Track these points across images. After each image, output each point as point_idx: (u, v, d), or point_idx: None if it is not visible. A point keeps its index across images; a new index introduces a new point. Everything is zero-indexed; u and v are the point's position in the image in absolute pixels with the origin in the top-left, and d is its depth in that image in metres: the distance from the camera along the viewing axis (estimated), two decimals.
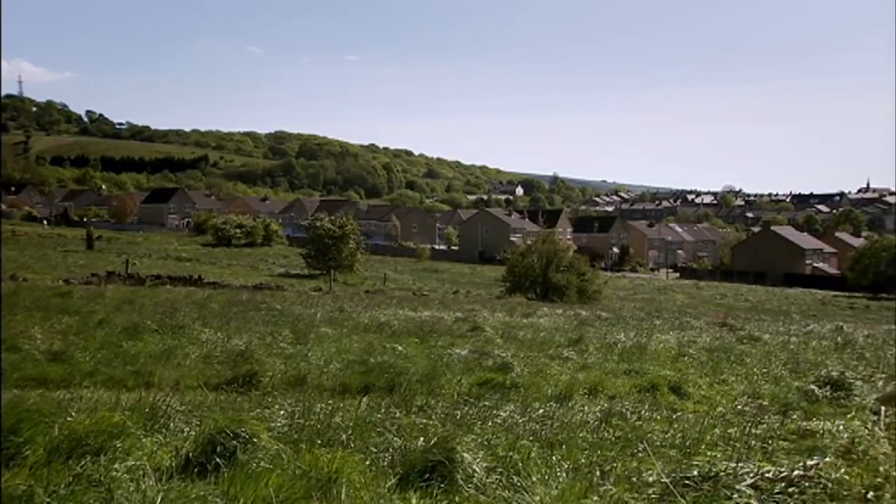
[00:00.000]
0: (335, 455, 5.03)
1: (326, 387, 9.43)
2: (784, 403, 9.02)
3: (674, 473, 4.87)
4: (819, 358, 14.22)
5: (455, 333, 15.85)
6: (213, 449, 4.95)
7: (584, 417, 7.43)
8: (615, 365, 12.18)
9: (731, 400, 9.47)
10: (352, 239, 56.13)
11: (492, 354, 12.29)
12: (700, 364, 12.74)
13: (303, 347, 12.30)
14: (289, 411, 6.77)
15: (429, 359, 11.85)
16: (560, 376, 10.75)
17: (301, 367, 10.44)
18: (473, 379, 10.21)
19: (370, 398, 8.24)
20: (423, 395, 8.55)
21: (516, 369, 10.89)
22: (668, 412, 8.19)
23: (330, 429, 6.09)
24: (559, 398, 9.00)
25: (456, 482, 4.92)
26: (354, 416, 6.69)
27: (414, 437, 5.71)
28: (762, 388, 10.47)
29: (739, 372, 11.96)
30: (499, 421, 7.04)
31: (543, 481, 4.92)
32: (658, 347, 14.89)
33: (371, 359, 11.32)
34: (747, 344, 16.55)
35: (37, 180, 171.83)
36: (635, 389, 10.04)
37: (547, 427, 6.80)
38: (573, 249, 53.50)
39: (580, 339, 15.57)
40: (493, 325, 17.76)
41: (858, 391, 9.81)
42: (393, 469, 5.11)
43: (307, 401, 7.46)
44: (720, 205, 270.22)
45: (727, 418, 7.77)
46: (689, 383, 10.42)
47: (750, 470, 4.78)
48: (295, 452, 5.12)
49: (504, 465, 5.24)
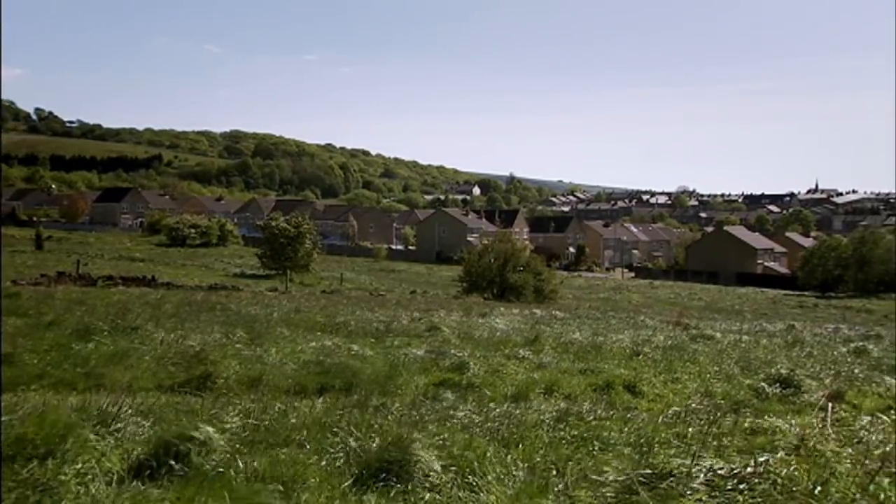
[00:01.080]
0: (291, 456, 5.00)
1: (282, 387, 9.35)
2: (736, 401, 9.16)
3: (628, 472, 4.92)
4: (770, 356, 14.46)
5: (412, 333, 15.82)
6: (166, 452, 4.88)
7: (540, 416, 7.47)
8: (571, 364, 12.26)
9: (684, 398, 9.58)
10: (308, 239, 55.78)
11: (448, 354, 12.29)
12: (654, 363, 12.87)
13: (258, 348, 12.17)
14: (244, 412, 6.70)
15: (385, 359, 11.81)
16: (516, 376, 10.79)
17: (257, 368, 10.33)
18: (430, 379, 10.21)
19: (326, 399, 8.20)
20: (379, 396, 8.52)
21: (473, 369, 10.91)
22: (622, 411, 8.26)
23: (286, 430, 6.05)
24: (515, 397, 9.03)
25: (412, 482, 4.93)
26: (311, 417, 6.65)
27: (370, 438, 5.70)
28: (715, 386, 10.61)
29: (693, 370, 12.10)
30: (455, 420, 7.04)
31: (500, 480, 4.94)
32: (613, 347, 15.01)
33: (327, 359, 11.24)
34: (700, 343, 16.77)
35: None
36: (591, 388, 10.11)
37: (503, 426, 6.82)
38: (530, 249, 53.74)
39: (536, 338, 15.64)
40: (449, 325, 17.76)
41: (807, 388, 10.00)
42: (349, 469, 5.09)
43: (263, 402, 7.40)
44: (674, 205, 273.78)
45: (681, 416, 7.86)
46: (643, 382, 10.51)
47: (703, 467, 4.85)
48: (250, 454, 5.07)
49: (460, 465, 5.25)
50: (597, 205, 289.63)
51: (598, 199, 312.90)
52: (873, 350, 16.20)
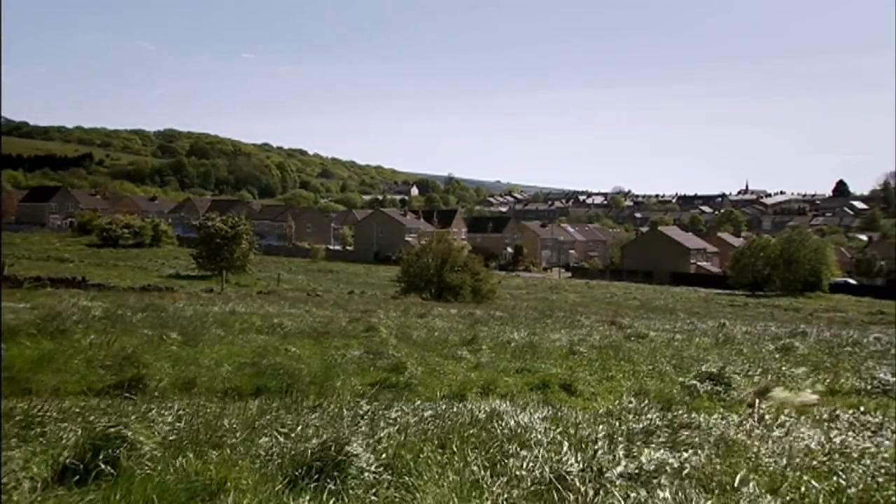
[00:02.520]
0: (223, 459, 4.94)
1: (217, 390, 9.21)
2: (668, 399, 9.31)
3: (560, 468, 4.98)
4: (701, 354, 14.76)
5: (349, 334, 15.75)
6: (94, 455, 4.78)
7: (476, 416, 7.51)
8: (508, 364, 12.33)
9: (618, 396, 9.72)
10: (244, 239, 55.18)
11: (386, 355, 12.27)
12: (590, 362, 13.02)
13: (193, 350, 11.98)
14: (177, 415, 6.60)
15: (322, 360, 11.73)
16: (453, 376, 10.82)
17: (191, 370, 10.16)
18: (367, 379, 10.18)
19: (262, 400, 8.10)
20: (316, 397, 8.47)
21: (410, 369, 10.90)
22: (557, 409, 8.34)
23: (219, 432, 5.98)
24: (452, 397, 9.06)
25: (347, 482, 4.92)
26: (245, 419, 6.58)
27: (306, 439, 5.66)
28: (648, 384, 10.77)
29: (627, 369, 12.27)
30: (391, 421, 7.04)
31: (434, 480, 4.95)
32: (550, 346, 15.16)
33: (264, 360, 11.11)
34: (635, 341, 17.02)
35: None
36: (527, 388, 10.19)
37: (439, 426, 6.84)
38: (468, 249, 54.02)
39: (474, 338, 15.70)
40: (387, 326, 17.72)
41: (736, 385, 10.23)
42: (283, 471, 5.05)
43: (196, 404, 7.29)
44: (610, 206, 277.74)
45: (614, 414, 7.99)
46: (579, 381, 10.63)
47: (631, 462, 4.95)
48: (182, 457, 4.99)
49: (396, 465, 5.26)
50: (534, 205, 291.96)
51: (535, 200, 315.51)
52: (799, 347, 16.66)
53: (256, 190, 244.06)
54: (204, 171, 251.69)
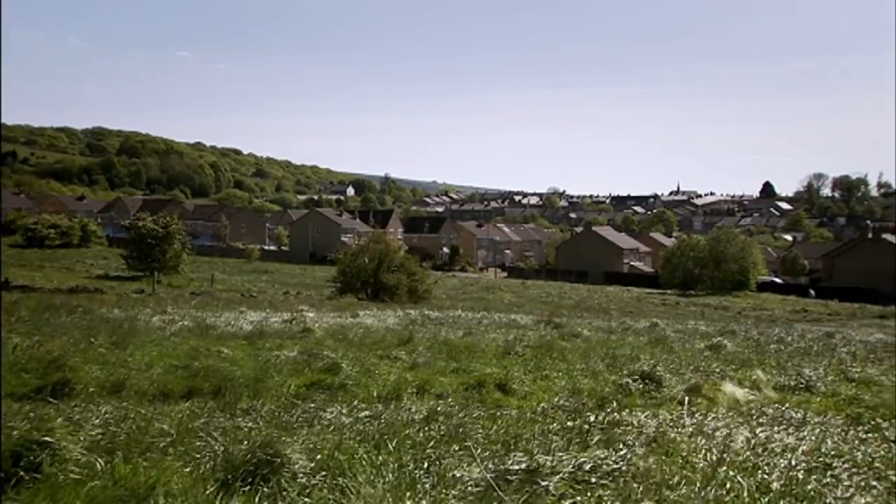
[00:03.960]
0: (153, 463, 4.83)
1: (148, 393, 9.01)
2: (601, 397, 9.41)
3: (496, 468, 5.00)
4: (634, 353, 14.98)
5: (284, 335, 15.59)
6: (15, 462, 4.63)
7: (411, 416, 7.50)
8: (444, 364, 12.34)
9: (552, 395, 9.80)
10: (177, 239, 54.19)
11: (321, 356, 12.16)
12: (525, 361, 13.10)
13: (122, 353, 11.71)
14: (104, 419, 6.43)
15: (256, 361, 11.58)
16: (389, 376, 10.78)
17: (120, 373, 9.91)
18: (302, 380, 10.06)
19: (194, 403, 7.97)
20: (249, 398, 8.35)
21: (345, 370, 10.83)
22: (493, 409, 8.38)
23: (148, 436, 5.85)
24: (388, 398, 9.02)
25: (281, 485, 4.86)
26: (176, 422, 6.46)
27: (238, 441, 5.58)
28: (582, 382, 10.88)
29: (561, 368, 12.38)
30: (326, 422, 6.99)
31: (369, 481, 4.92)
32: (486, 346, 15.22)
33: (196, 362, 10.92)
34: (569, 341, 17.20)
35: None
36: (463, 387, 10.20)
37: (374, 427, 6.81)
38: (404, 249, 53.90)
39: (410, 338, 15.68)
40: (322, 327, 17.60)
41: (667, 383, 10.40)
42: (215, 474, 4.97)
43: (125, 408, 7.13)
44: (545, 206, 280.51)
45: (548, 413, 8.05)
46: (514, 380, 10.68)
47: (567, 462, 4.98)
48: (109, 462, 4.87)
49: (330, 466, 5.21)
50: (470, 205, 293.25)
51: (471, 200, 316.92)
52: (728, 345, 17.05)
53: (189, 189, 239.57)
54: (135, 170, 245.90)
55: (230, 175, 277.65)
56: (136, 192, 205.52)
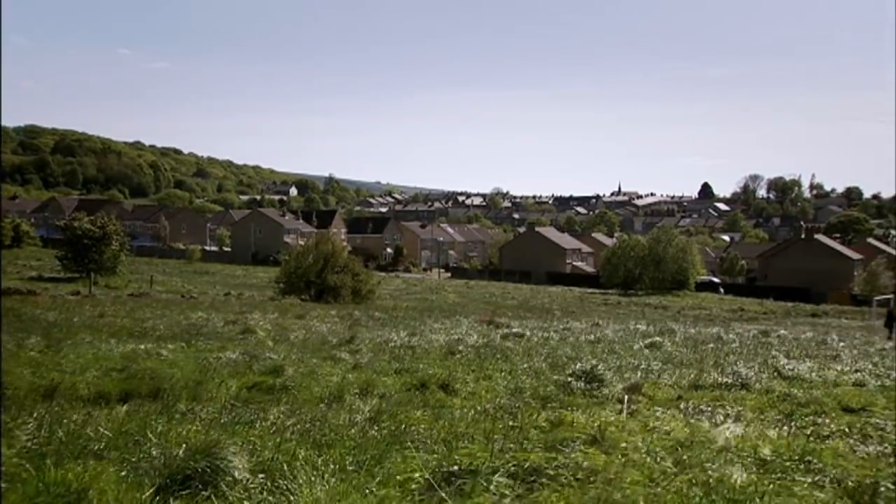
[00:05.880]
0: (86, 468, 4.73)
1: (82, 396, 8.81)
2: (543, 396, 9.49)
3: (437, 469, 5.01)
4: (576, 352, 15.15)
5: (225, 337, 15.43)
6: None
7: (353, 417, 7.47)
8: (387, 364, 12.33)
9: (495, 395, 9.84)
10: (115, 240, 53.06)
11: (263, 357, 12.07)
12: (468, 361, 13.17)
13: (56, 356, 11.45)
14: (34, 424, 6.27)
15: (196, 363, 11.43)
16: (332, 377, 10.73)
17: (53, 377, 9.69)
18: (243, 382, 9.95)
19: (131, 406, 7.81)
20: (188, 401, 8.22)
21: (288, 371, 10.74)
22: (436, 409, 8.39)
23: (82, 440, 5.73)
24: (330, 399, 8.97)
25: (219, 488, 4.80)
26: (111, 426, 6.33)
27: (176, 445, 5.49)
28: (524, 382, 10.96)
29: (504, 368, 12.45)
30: (267, 424, 6.92)
31: (310, 483, 4.89)
32: (429, 346, 15.25)
33: (133, 365, 10.74)
34: (512, 341, 17.33)
35: None
36: (405, 388, 10.20)
37: (315, 428, 6.77)
38: (348, 250, 53.68)
39: (353, 339, 15.64)
40: (265, 328, 17.46)
41: (609, 382, 10.53)
42: (151, 479, 4.88)
43: (58, 412, 6.96)
44: (489, 206, 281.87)
45: (490, 413, 8.09)
46: (457, 380, 10.70)
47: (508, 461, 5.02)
48: (38, 468, 4.75)
49: (271, 468, 5.17)
50: (414, 206, 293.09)
51: (415, 200, 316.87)
52: (666, 344, 17.36)
53: (128, 189, 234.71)
54: (70, 170, 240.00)
55: (170, 175, 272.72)
56: (72, 192, 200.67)
